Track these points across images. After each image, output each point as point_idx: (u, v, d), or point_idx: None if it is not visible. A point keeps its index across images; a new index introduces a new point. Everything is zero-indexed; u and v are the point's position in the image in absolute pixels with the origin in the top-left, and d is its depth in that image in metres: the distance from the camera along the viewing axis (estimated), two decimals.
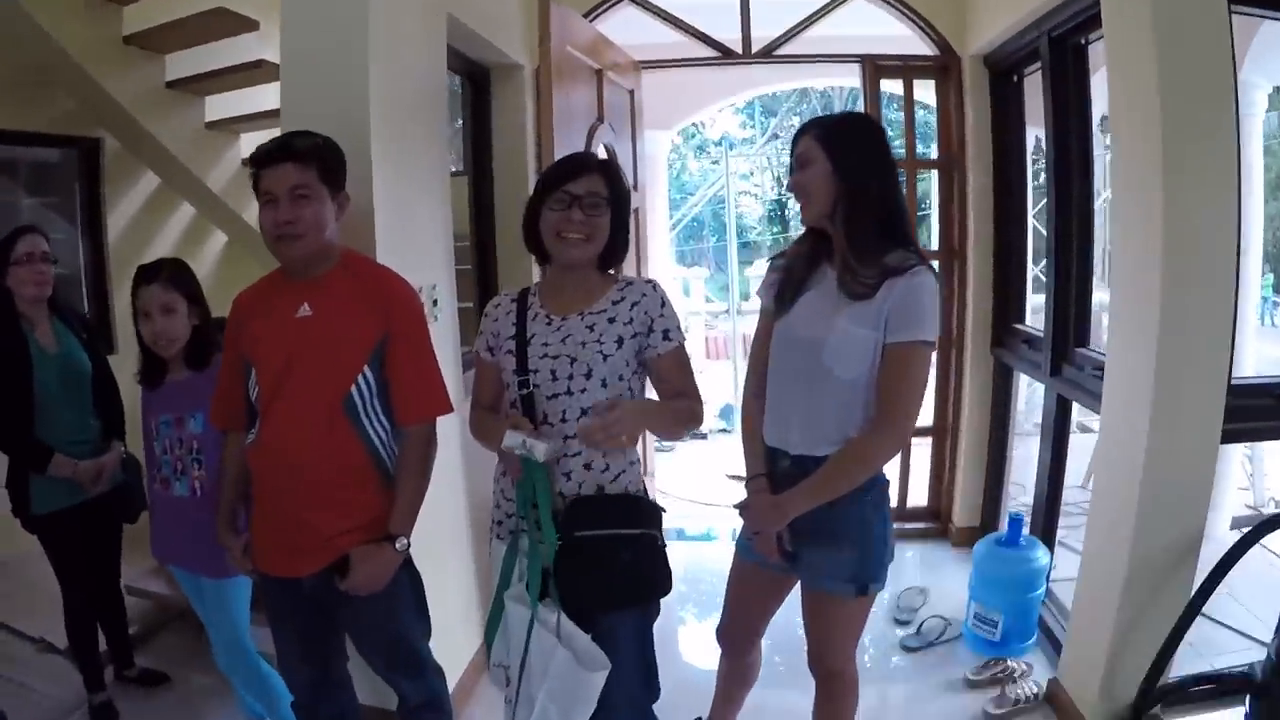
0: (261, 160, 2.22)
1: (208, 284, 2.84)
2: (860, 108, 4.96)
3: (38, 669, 3.73)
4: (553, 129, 3.37)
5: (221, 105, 4.80)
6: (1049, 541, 3.97)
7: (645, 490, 2.33)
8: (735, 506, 2.46)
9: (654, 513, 2.27)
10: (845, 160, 2.22)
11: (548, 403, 2.18)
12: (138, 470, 3.19)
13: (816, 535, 2.30)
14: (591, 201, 2.19)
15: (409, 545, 2.32)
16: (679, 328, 2.27)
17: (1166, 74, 2.62)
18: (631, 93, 4.68)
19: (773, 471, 2.37)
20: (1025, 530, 3.88)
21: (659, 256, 7.86)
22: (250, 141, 4.83)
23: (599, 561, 2.14)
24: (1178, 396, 2.74)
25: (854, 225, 2.21)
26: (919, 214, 4.93)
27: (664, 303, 2.26)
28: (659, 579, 2.23)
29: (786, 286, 2.36)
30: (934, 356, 2.63)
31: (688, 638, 4.22)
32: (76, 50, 4.20)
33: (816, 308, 2.28)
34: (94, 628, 3.41)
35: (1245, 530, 2.87)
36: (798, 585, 2.48)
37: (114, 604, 3.54)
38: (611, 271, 2.35)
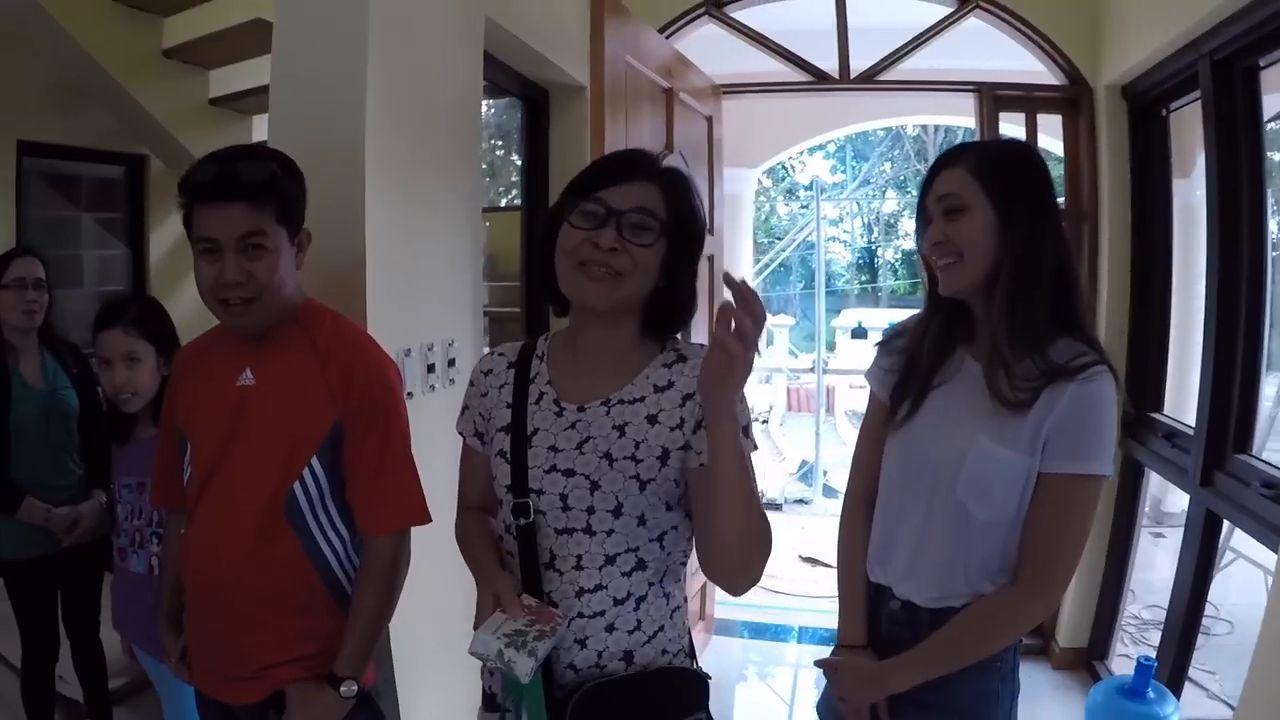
0: (198, 194, 1.68)
1: None
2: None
3: (17, 708, 3.38)
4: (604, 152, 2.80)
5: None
6: (1178, 681, 3.26)
7: (689, 646, 1.63)
8: (818, 664, 1.87)
9: (699, 688, 1.58)
10: (1014, 208, 1.62)
11: (556, 539, 1.49)
12: None
13: (924, 710, 1.73)
14: (637, 221, 1.44)
15: (358, 691, 1.78)
16: (746, 428, 1.43)
17: None
18: (710, 120, 4.14)
19: (872, 612, 1.81)
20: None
21: None
22: None
23: None
24: None
25: (1021, 303, 1.60)
26: None
27: None
28: None
29: (909, 379, 1.77)
30: None
31: None
32: (113, 65, 4.01)
33: (950, 416, 1.69)
34: (51, 690, 3.10)
35: None
36: None
37: (92, 657, 3.17)
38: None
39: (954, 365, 1.73)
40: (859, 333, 19.00)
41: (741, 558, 1.39)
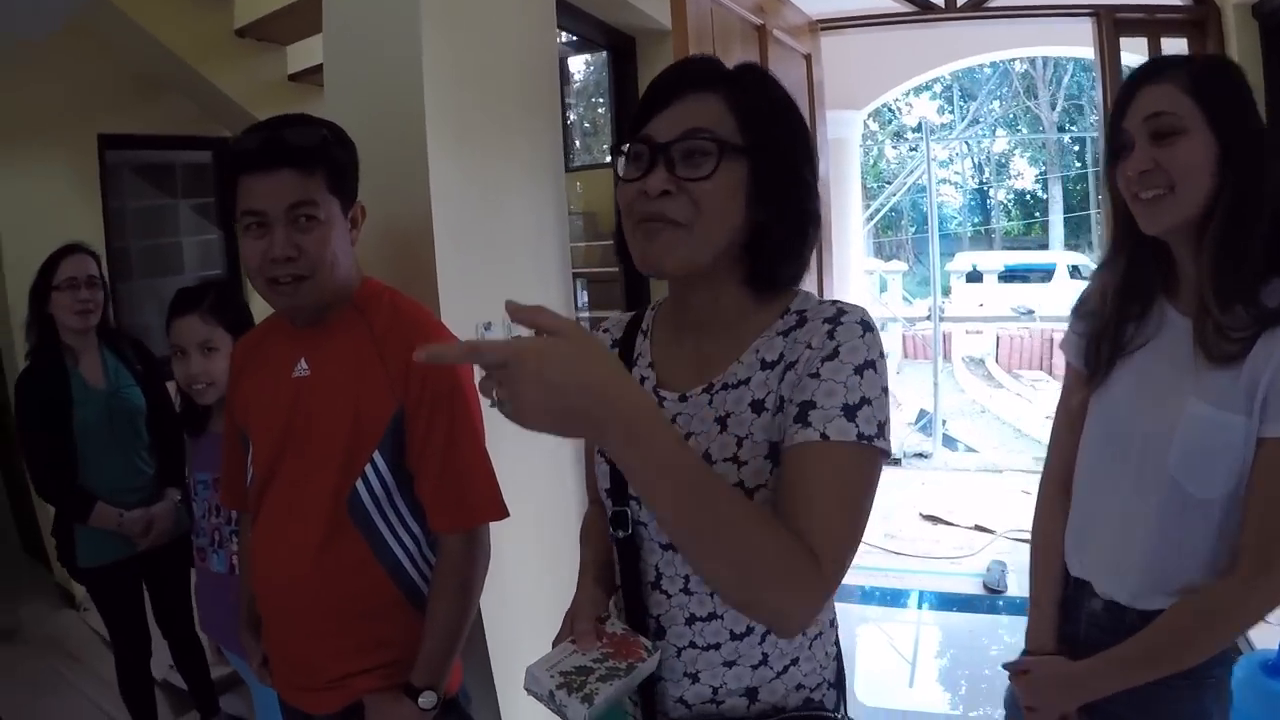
0: (241, 163, 1.54)
1: None
2: (1096, 78, 3.93)
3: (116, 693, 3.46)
4: None
5: None
6: None
7: (834, 675, 1.28)
8: (1006, 667, 1.66)
9: None
10: (1235, 133, 1.36)
11: (662, 555, 1.20)
12: None
13: None
14: (694, 149, 1.10)
15: (439, 702, 1.63)
16: (853, 409, 1.04)
17: None
18: (808, 58, 3.86)
19: (1070, 609, 1.57)
20: None
21: (852, 251, 6.98)
22: None
23: None
24: None
25: (1236, 244, 1.35)
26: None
27: (837, 352, 1.07)
28: None
29: (1100, 341, 1.51)
30: None
31: None
32: (185, 50, 3.96)
33: (1153, 378, 1.45)
34: (150, 688, 3.06)
35: None
36: None
37: (190, 652, 3.13)
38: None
39: (1154, 320, 1.47)
40: (974, 276, 18.39)
41: (711, 581, 1.03)
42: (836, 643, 1.28)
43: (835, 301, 1.15)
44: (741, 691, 1.18)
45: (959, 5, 3.99)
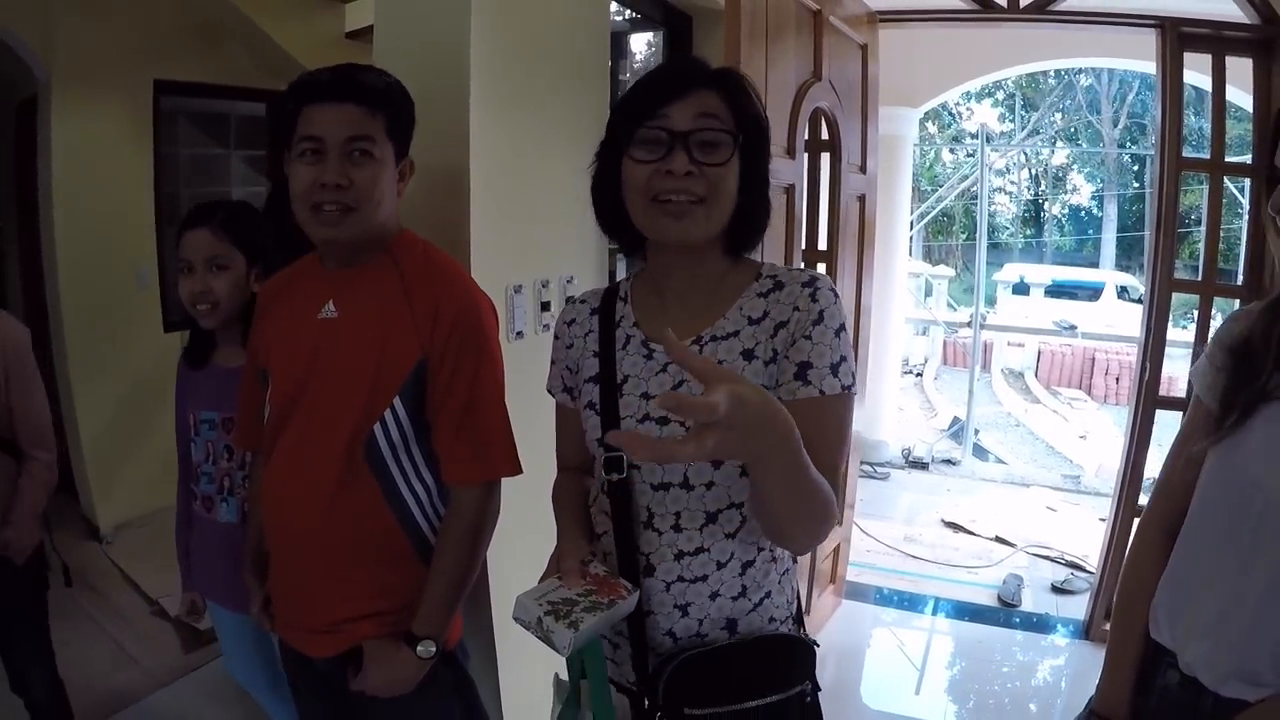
0: (307, 93, 1.57)
1: None
2: (1157, 93, 3.82)
3: (141, 632, 3.58)
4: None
5: None
6: None
7: (797, 612, 1.46)
8: None
9: (805, 656, 1.40)
10: None
11: (653, 495, 1.33)
12: None
13: None
14: (709, 139, 1.27)
15: (437, 652, 1.65)
16: (836, 366, 1.25)
17: None
18: (864, 49, 3.80)
19: (1145, 677, 1.42)
20: None
21: (897, 252, 6.90)
22: None
23: None
24: None
25: None
26: (1180, 230, 3.82)
27: (822, 316, 1.27)
28: None
29: (1242, 381, 1.30)
30: None
31: None
32: (244, 1, 4.05)
33: None
34: None
35: None
36: None
37: None
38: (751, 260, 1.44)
39: None
40: (1020, 288, 18.17)
41: (789, 534, 1.20)
42: (795, 582, 1.47)
43: (802, 268, 1.39)
44: (723, 624, 1.34)
45: (1022, 6, 3.90)
